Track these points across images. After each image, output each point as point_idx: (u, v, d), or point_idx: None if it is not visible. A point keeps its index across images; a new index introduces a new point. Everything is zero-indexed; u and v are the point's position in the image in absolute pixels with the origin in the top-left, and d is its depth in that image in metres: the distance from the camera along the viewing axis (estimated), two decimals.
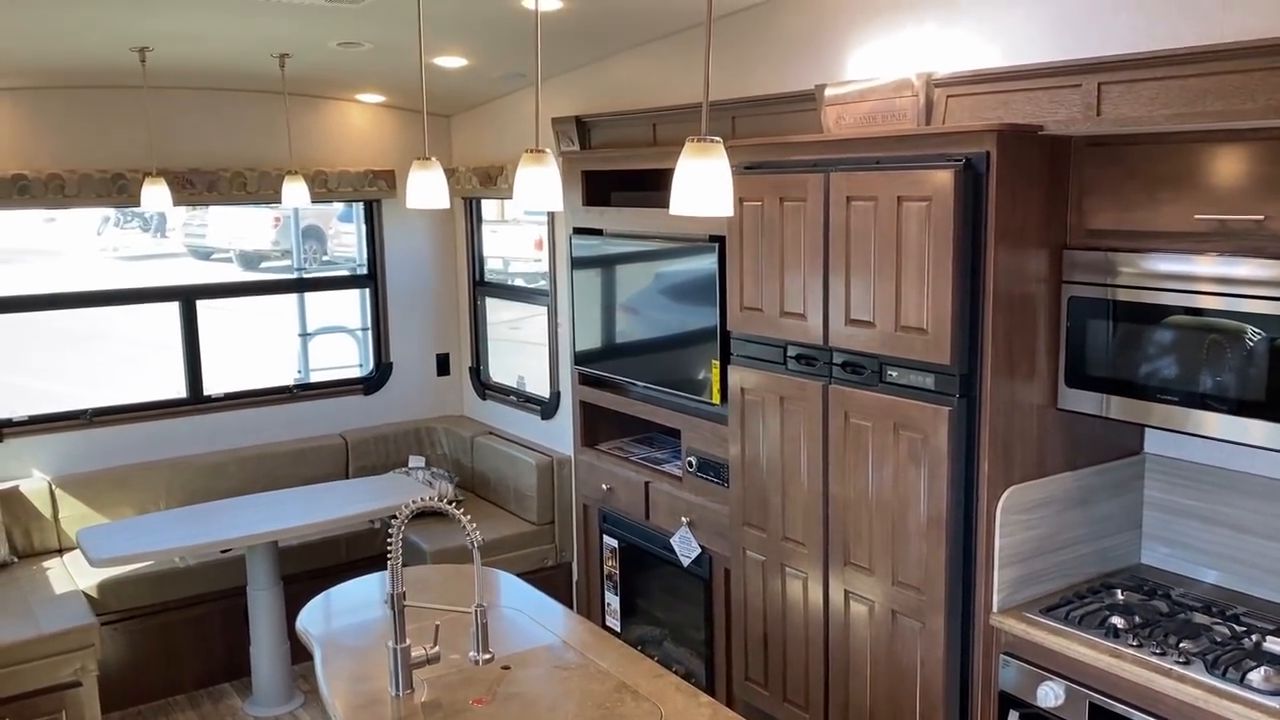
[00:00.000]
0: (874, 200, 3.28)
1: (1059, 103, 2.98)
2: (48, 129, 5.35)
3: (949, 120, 3.31)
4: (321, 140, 6.18)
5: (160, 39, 4.56)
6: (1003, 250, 3.05)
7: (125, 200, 5.45)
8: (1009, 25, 3.31)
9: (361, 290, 6.64)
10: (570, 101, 5.40)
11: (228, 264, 15.85)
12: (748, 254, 3.81)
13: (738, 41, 4.36)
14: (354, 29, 4.55)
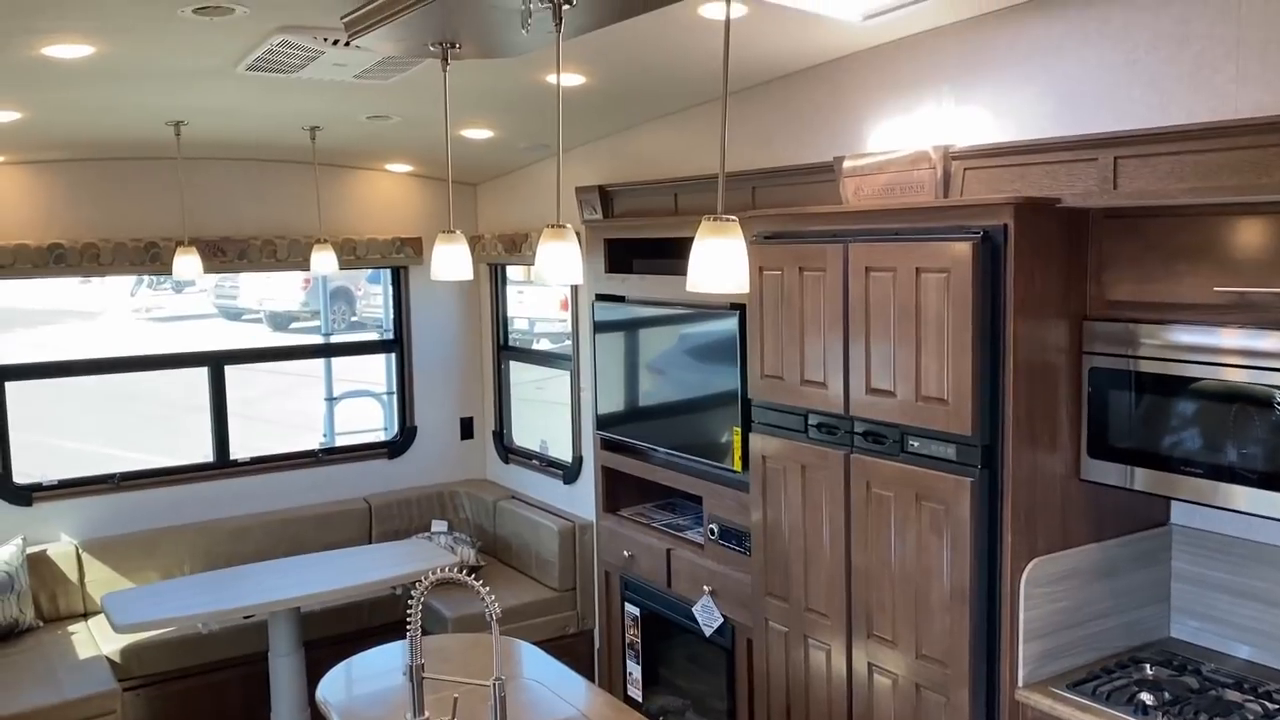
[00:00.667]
0: (893, 271, 3.31)
1: (1075, 176, 3.01)
2: (84, 199, 5.49)
3: (966, 192, 3.34)
4: (350, 208, 6.30)
5: (195, 113, 4.70)
6: (1022, 321, 3.06)
7: (158, 268, 5.57)
8: (1024, 100, 3.35)
9: (387, 355, 6.71)
10: (594, 170, 5.49)
11: (258, 324, 16.07)
12: (768, 322, 3.83)
13: (758, 113, 4.44)
14: (382, 103, 4.66)
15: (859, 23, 3.51)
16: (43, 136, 4.88)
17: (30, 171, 5.36)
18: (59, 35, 3.27)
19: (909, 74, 3.73)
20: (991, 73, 3.45)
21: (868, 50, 3.86)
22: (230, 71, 3.91)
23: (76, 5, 2.98)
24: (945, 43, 3.58)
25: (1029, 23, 3.30)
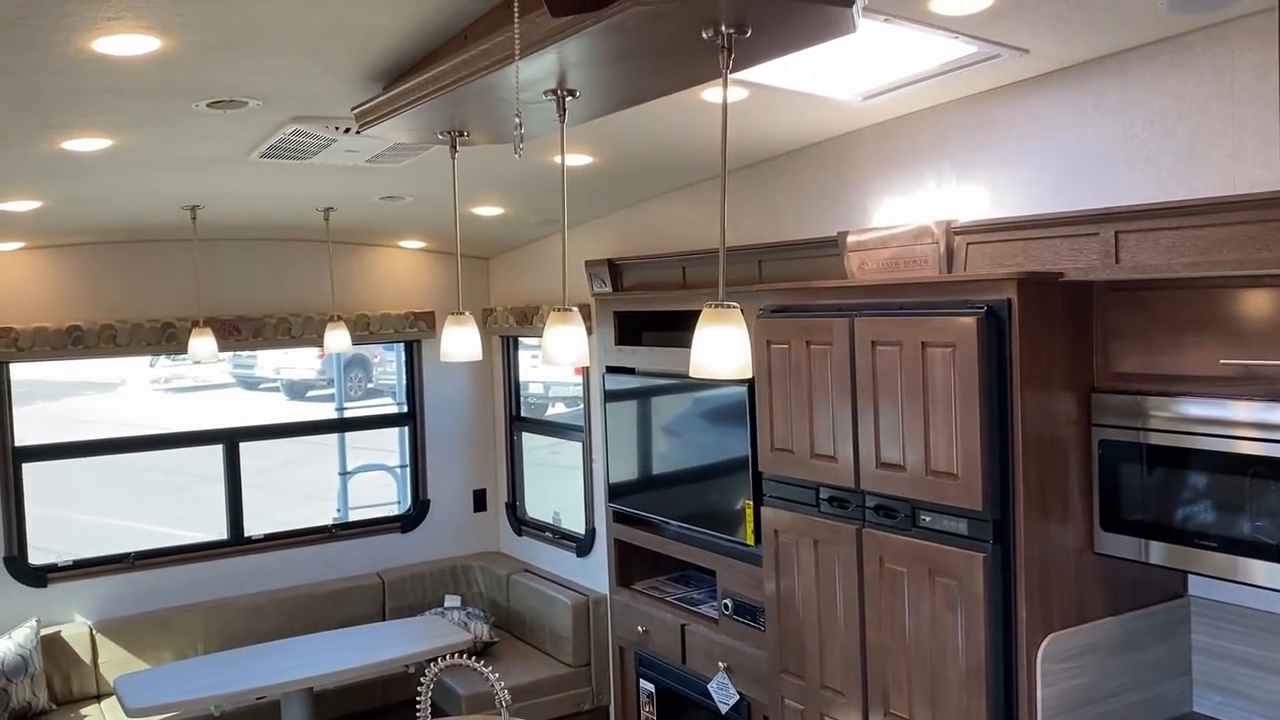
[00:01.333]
0: (899, 345, 3.32)
1: (1078, 250, 3.03)
2: (102, 281, 5.58)
3: (970, 267, 3.37)
4: (364, 284, 6.38)
5: (210, 198, 4.79)
6: (1029, 394, 3.06)
7: (174, 348, 5.64)
8: (1025, 175, 3.39)
9: (401, 428, 6.74)
10: (603, 244, 5.55)
11: (275, 393, 16.16)
12: (777, 395, 3.85)
13: (763, 188, 4.50)
14: (395, 185, 4.75)
15: (858, 103, 3.57)
16: (62, 222, 4.98)
17: (50, 255, 5.46)
18: (78, 131, 3.36)
19: (910, 150, 3.78)
20: (992, 149, 3.50)
21: (869, 128, 3.92)
22: (245, 159, 4.00)
23: (95, 104, 3.07)
24: (945, 120, 3.63)
25: (1027, 100, 3.36)
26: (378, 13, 2.57)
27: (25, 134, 3.30)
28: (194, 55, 2.73)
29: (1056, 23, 2.79)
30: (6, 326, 5.27)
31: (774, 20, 2.11)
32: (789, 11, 2.06)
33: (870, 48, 3.03)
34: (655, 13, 2.02)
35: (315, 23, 2.59)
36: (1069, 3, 2.64)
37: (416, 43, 2.81)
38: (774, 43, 2.29)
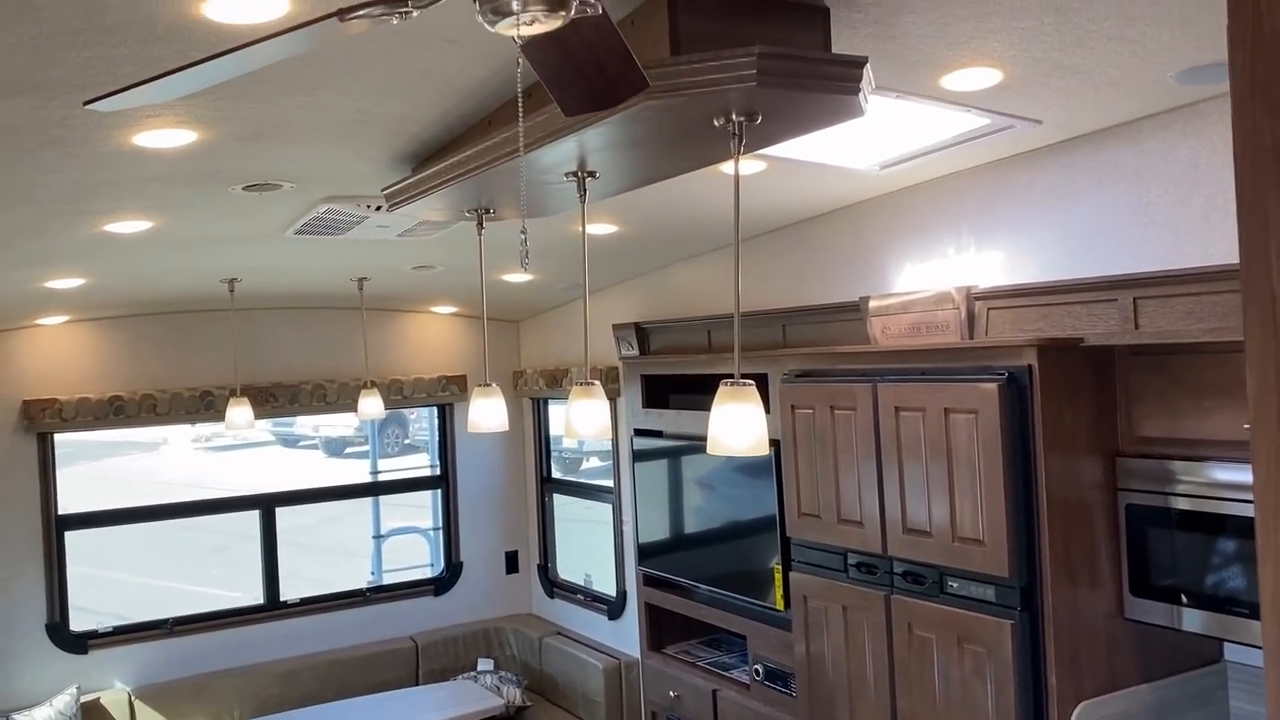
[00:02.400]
0: (922, 411, 3.34)
1: (1097, 316, 3.05)
2: (142, 352, 5.72)
3: (991, 331, 3.39)
4: (397, 350, 6.49)
5: (247, 271, 4.93)
6: (1053, 459, 3.07)
7: (212, 416, 5.76)
8: (1043, 241, 3.43)
9: (434, 490, 6.80)
10: (630, 307, 5.62)
11: (313, 450, 16.31)
12: (803, 459, 3.86)
13: (785, 253, 4.55)
14: (426, 255, 4.86)
15: (876, 172, 3.63)
16: (104, 297, 5.13)
17: (92, 328, 5.62)
18: (120, 215, 3.49)
19: (929, 216, 3.83)
20: (1009, 215, 3.54)
21: (887, 195, 3.97)
22: (280, 235, 4.12)
23: (137, 191, 3.20)
24: (962, 187, 3.68)
25: (1043, 167, 3.40)
26: (403, 103, 2.67)
27: (70, 219, 3.43)
28: (230, 144, 2.85)
29: (1066, 96, 2.84)
30: (51, 398, 5.41)
31: (783, 108, 2.18)
32: (798, 101, 2.12)
33: (885, 120, 3.10)
34: (667, 105, 2.09)
35: (344, 113, 2.69)
36: (1077, 77, 2.69)
37: (442, 128, 2.92)
38: (784, 128, 2.35)
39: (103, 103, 1.49)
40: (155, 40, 2.01)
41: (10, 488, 5.38)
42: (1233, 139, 0.97)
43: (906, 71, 2.63)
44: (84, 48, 2.00)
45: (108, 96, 1.48)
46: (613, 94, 1.78)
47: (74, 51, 2.01)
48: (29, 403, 5.37)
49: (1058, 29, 2.37)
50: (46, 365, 5.49)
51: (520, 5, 1.20)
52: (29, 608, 5.41)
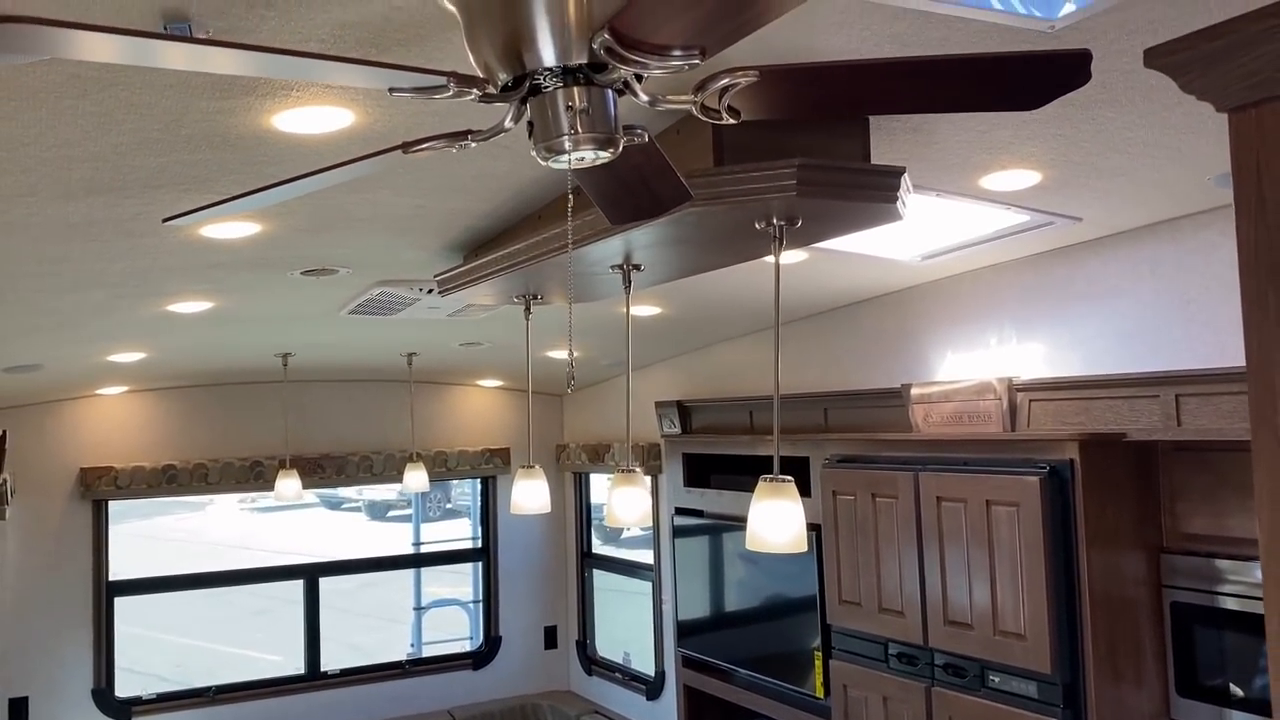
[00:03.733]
0: (963, 502, 3.34)
1: (1139, 411, 3.05)
2: (196, 422, 5.87)
3: (1033, 423, 3.40)
4: (442, 422, 6.58)
5: (301, 346, 5.06)
6: (1096, 554, 3.05)
7: (261, 485, 5.87)
8: (1085, 335, 3.44)
9: (475, 563, 6.84)
10: (673, 385, 5.68)
11: (356, 513, 16.44)
12: (844, 545, 3.86)
13: (828, 337, 4.59)
14: (474, 333, 4.97)
15: (918, 262, 3.68)
16: (163, 369, 5.29)
17: (149, 398, 5.78)
18: (183, 297, 3.63)
19: (971, 306, 3.86)
20: (1051, 308, 3.56)
21: (929, 283, 4.01)
22: (335, 314, 4.25)
23: (200, 275, 3.33)
24: (1004, 278, 3.72)
25: (1083, 262, 3.43)
26: (457, 199, 2.77)
27: (135, 300, 3.57)
28: (291, 236, 2.97)
29: (1105, 196, 2.89)
30: (107, 466, 5.56)
31: (822, 213, 2.25)
32: (837, 208, 2.19)
33: (926, 213, 3.15)
34: (710, 211, 2.17)
35: (401, 209, 2.81)
36: (1116, 178, 2.73)
37: (494, 221, 3.02)
38: (823, 230, 2.42)
39: (179, 220, 1.59)
40: (228, 148, 2.13)
41: (64, 554, 5.50)
42: (1241, 304, 1.01)
43: (946, 173, 2.69)
44: (161, 154, 2.12)
45: (185, 215, 1.59)
46: (657, 206, 1.85)
47: (151, 158, 2.13)
48: (86, 470, 5.52)
49: (1095, 135, 2.42)
50: (104, 434, 5.65)
51: (573, 144, 1.28)
52: (76, 672, 5.50)
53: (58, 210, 2.40)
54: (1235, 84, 0.94)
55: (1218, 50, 0.93)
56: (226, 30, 1.57)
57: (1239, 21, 0.91)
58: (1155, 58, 1.01)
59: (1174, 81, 1.01)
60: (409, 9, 1.57)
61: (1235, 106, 0.96)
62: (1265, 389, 0.94)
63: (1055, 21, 1.87)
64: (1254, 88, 0.92)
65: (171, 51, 1.13)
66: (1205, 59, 0.95)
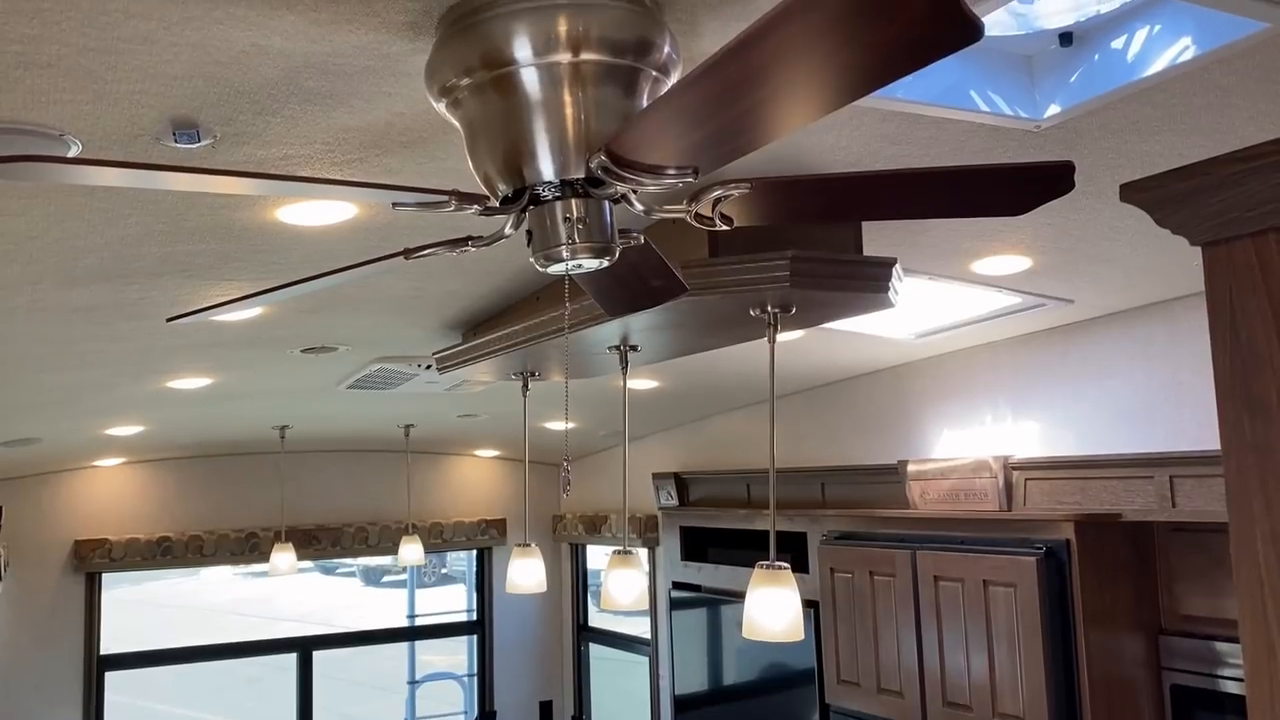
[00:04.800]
0: (960, 581, 3.33)
1: (1134, 491, 3.06)
2: (192, 493, 5.85)
3: (1029, 502, 3.40)
4: (439, 492, 6.56)
5: (299, 419, 5.08)
6: (1094, 635, 3.04)
7: (256, 558, 5.83)
8: (1080, 413, 3.46)
9: (469, 636, 6.77)
10: (670, 456, 5.68)
11: (351, 578, 16.28)
12: (842, 623, 3.84)
13: (824, 412, 4.61)
14: (471, 405, 4.99)
15: (912, 340, 3.71)
16: (160, 441, 5.29)
17: (145, 469, 5.77)
18: (183, 374, 3.65)
19: (966, 384, 3.89)
20: (1045, 386, 3.58)
21: (924, 360, 4.05)
22: (333, 389, 4.27)
23: (200, 354, 3.36)
24: (998, 357, 3.75)
25: (1077, 342, 3.46)
26: (456, 281, 2.81)
27: (136, 378, 3.60)
28: (291, 316, 3.00)
29: (1096, 279, 2.93)
30: (102, 538, 5.53)
31: (815, 302, 2.28)
32: (829, 297, 2.22)
33: (920, 295, 3.19)
34: (705, 300, 2.20)
35: (400, 291, 2.84)
36: (1106, 264, 2.78)
37: (492, 302, 3.06)
38: (817, 317, 2.45)
39: (183, 320, 1.62)
40: (231, 239, 2.17)
41: (56, 627, 5.45)
42: (1219, 431, 1.04)
43: (938, 259, 2.73)
44: (165, 244, 2.16)
45: (188, 315, 1.61)
46: (652, 298, 1.88)
47: (156, 247, 2.17)
48: (80, 543, 5.49)
49: (1084, 225, 2.46)
50: (99, 506, 5.63)
51: (570, 254, 1.32)
52: None
53: (63, 296, 2.44)
54: (1206, 222, 0.97)
55: (1189, 190, 0.97)
56: (234, 135, 1.61)
57: (1208, 165, 0.95)
58: (1131, 193, 1.05)
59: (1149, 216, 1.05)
60: (411, 115, 1.62)
61: (1208, 242, 0.99)
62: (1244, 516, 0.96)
63: (1041, 121, 1.92)
64: (1223, 226, 0.96)
65: (175, 178, 1.17)
66: (1177, 198, 0.98)
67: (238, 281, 2.52)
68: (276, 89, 1.46)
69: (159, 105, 1.47)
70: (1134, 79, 1.76)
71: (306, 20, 1.28)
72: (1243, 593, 1.03)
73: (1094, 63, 1.82)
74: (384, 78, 1.47)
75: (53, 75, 1.34)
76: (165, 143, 1.59)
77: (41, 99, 1.40)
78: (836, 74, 0.89)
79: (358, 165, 1.82)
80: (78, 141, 1.55)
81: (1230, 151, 0.91)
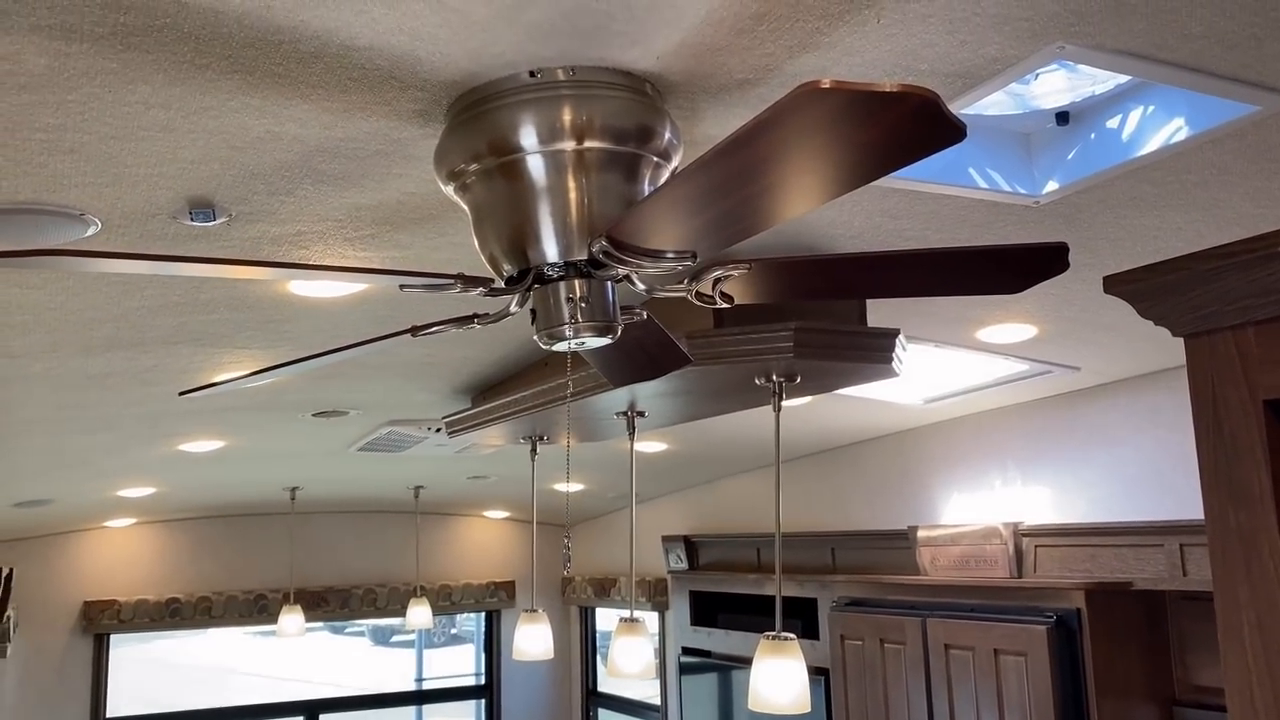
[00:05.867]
0: (971, 650, 3.30)
1: (1144, 560, 3.04)
2: (202, 554, 5.85)
3: (1039, 569, 3.38)
4: (448, 553, 6.55)
5: (309, 481, 5.09)
6: (1107, 706, 2.99)
7: (264, 619, 5.81)
8: (1089, 480, 3.46)
9: (477, 700, 6.71)
10: (679, 518, 5.66)
11: (360, 638, 16.16)
12: (852, 692, 3.80)
13: (833, 475, 4.61)
14: (481, 467, 5.00)
15: (921, 405, 3.72)
16: (171, 502, 5.31)
17: (156, 530, 5.79)
18: (195, 438, 3.68)
19: (975, 449, 3.88)
20: (1054, 452, 3.58)
21: (933, 425, 4.05)
22: (344, 451, 4.29)
23: (212, 419, 3.39)
24: (1007, 423, 3.75)
25: (1085, 409, 3.47)
26: (466, 348, 2.85)
27: (148, 442, 3.63)
28: (302, 382, 3.04)
29: (1102, 347, 2.94)
30: (111, 599, 5.53)
31: (819, 371, 2.30)
32: (833, 367, 2.24)
33: (926, 361, 3.21)
34: (710, 370, 2.22)
35: (411, 357, 2.88)
36: (1110, 332, 2.80)
37: (501, 368, 3.09)
38: (821, 385, 2.47)
39: (196, 394, 1.65)
40: (245, 309, 2.21)
41: (63, 690, 5.42)
42: (1204, 519, 1.06)
43: (943, 327, 2.76)
44: (180, 315, 2.20)
45: (200, 390, 1.65)
46: (656, 369, 1.91)
47: (170, 318, 2.21)
48: (89, 604, 5.49)
49: (1087, 294, 2.49)
50: (108, 566, 5.63)
51: (573, 333, 1.34)
52: None
53: (79, 363, 2.48)
54: (1187, 314, 0.99)
55: (1170, 284, 0.99)
56: (248, 214, 1.66)
57: (1187, 260, 0.97)
58: (1113, 285, 1.07)
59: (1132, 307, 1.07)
60: (421, 195, 1.66)
61: (1190, 334, 1.02)
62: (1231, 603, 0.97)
63: (1039, 198, 1.96)
64: (1204, 319, 0.98)
65: (188, 268, 1.21)
66: (1159, 291, 1.01)
67: (250, 349, 2.56)
68: (291, 171, 1.51)
69: (176, 187, 1.51)
70: (1130, 157, 1.79)
71: (320, 108, 1.33)
72: (1230, 679, 1.03)
73: (1090, 141, 1.86)
74: (395, 160, 1.52)
75: (75, 160, 1.38)
76: (181, 221, 1.63)
77: (64, 182, 1.44)
78: (827, 170, 0.92)
79: (369, 241, 1.87)
80: (97, 221, 1.59)
81: (1209, 248, 0.93)
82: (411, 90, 1.31)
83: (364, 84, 1.28)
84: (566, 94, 1.30)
